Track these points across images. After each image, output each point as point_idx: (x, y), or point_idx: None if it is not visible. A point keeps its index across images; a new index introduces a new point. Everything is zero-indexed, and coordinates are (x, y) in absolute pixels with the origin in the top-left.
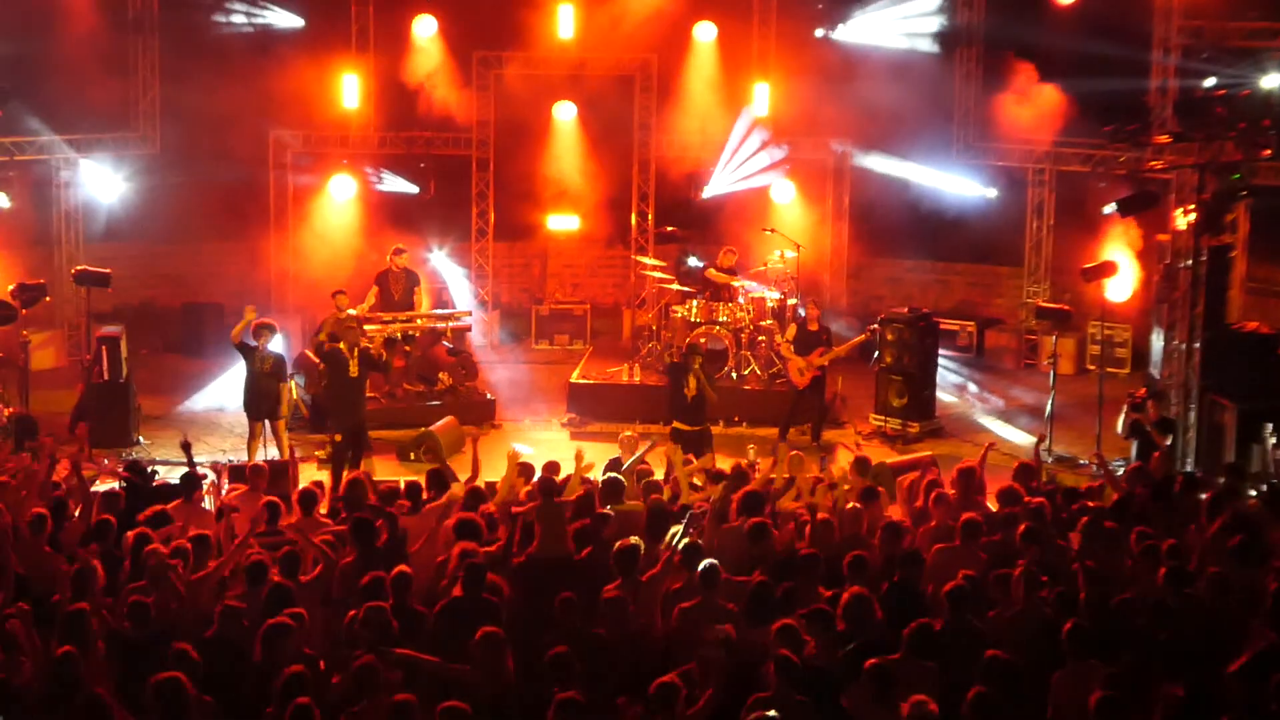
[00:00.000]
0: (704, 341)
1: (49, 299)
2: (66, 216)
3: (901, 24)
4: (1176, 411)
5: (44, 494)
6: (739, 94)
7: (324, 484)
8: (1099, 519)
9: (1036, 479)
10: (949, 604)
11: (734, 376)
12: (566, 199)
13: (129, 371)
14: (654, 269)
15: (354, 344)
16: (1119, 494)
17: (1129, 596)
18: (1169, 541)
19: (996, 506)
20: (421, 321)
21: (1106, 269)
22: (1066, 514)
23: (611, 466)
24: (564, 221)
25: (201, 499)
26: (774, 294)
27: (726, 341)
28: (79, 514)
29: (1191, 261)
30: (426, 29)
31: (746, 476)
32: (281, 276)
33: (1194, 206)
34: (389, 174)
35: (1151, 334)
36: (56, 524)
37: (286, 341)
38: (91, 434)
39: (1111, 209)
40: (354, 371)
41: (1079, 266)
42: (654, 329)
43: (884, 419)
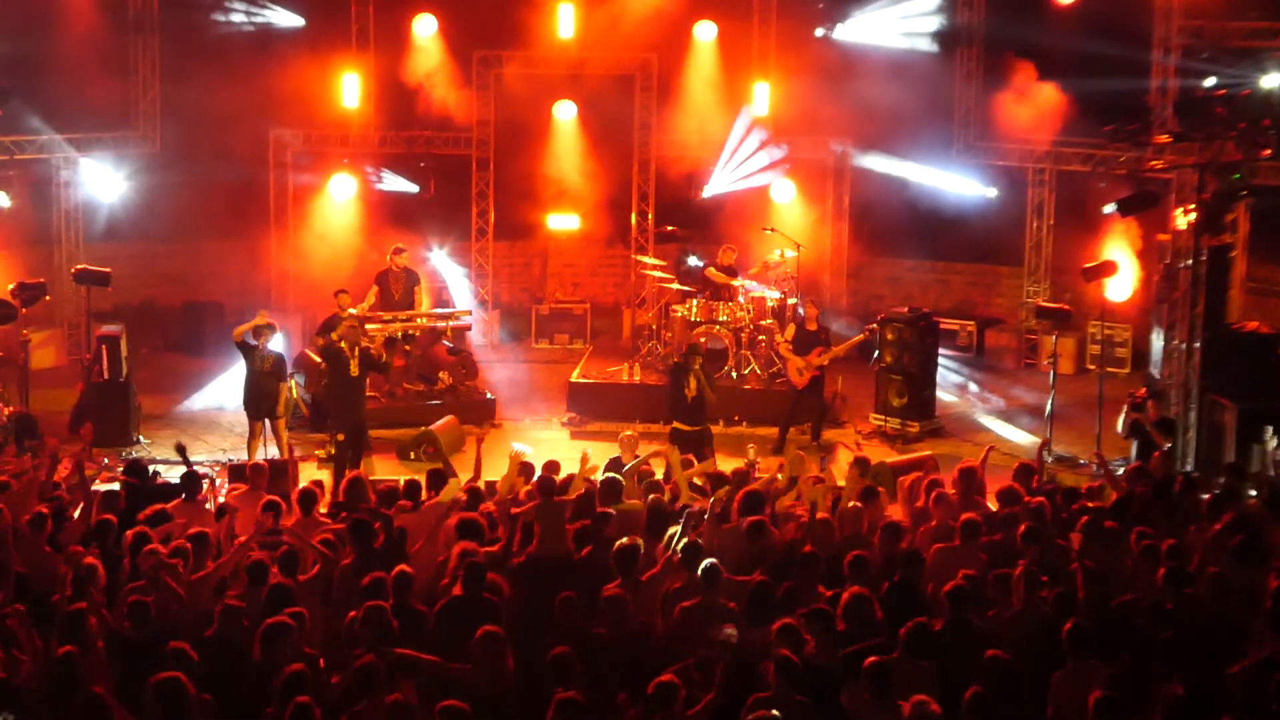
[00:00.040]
0: (704, 341)
1: (49, 298)
2: (66, 215)
3: (901, 23)
4: (1176, 411)
5: (44, 494)
6: (739, 93)
7: (324, 483)
8: (1099, 519)
9: (1037, 479)
10: (949, 604)
11: (734, 376)
12: (566, 198)
13: (129, 371)
14: (654, 268)
15: (355, 343)
16: (1119, 494)
17: (1129, 597)
18: (1169, 541)
19: (996, 506)
20: (422, 321)
21: (1107, 269)
22: (1066, 514)
23: (612, 466)
24: (564, 221)
25: (205, 499)
26: (774, 293)
27: (726, 341)
28: (79, 514)
29: (1191, 261)
30: (426, 28)
31: (749, 480)
32: (282, 276)
33: (1194, 206)
34: (389, 173)
35: (1151, 334)
36: (56, 524)
37: (286, 341)
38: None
39: (1112, 209)
40: (354, 371)
41: (1079, 266)
42: (654, 328)
43: (884, 418)
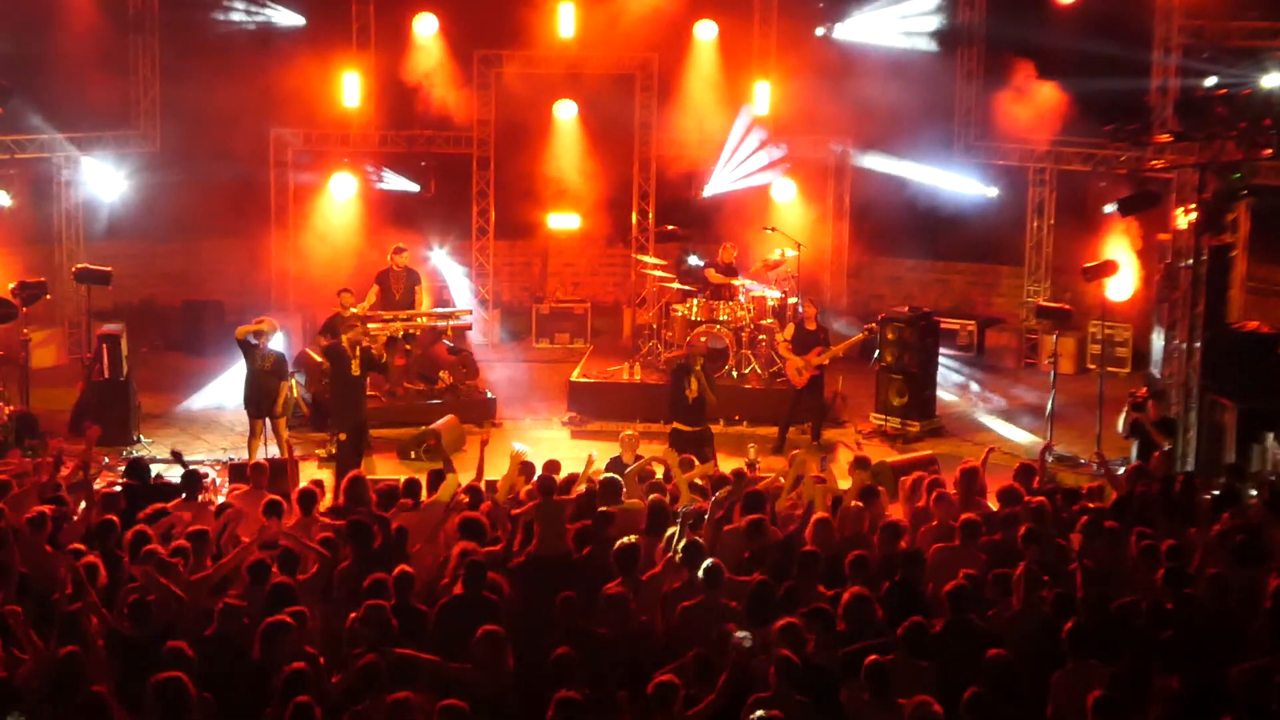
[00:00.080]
0: (704, 340)
1: (49, 297)
2: (67, 214)
3: (902, 23)
4: (1177, 411)
5: (45, 494)
6: (739, 93)
7: (324, 483)
8: (1099, 519)
9: (1038, 479)
10: (949, 604)
11: (734, 375)
12: (567, 198)
13: (129, 370)
14: (654, 268)
15: (356, 342)
16: (1119, 494)
17: (1129, 597)
18: (1169, 542)
19: (997, 506)
20: (422, 320)
21: (1107, 268)
22: (1066, 514)
23: (612, 466)
24: (564, 220)
25: (209, 500)
26: (774, 293)
27: (727, 340)
28: (80, 514)
29: (1192, 261)
30: (427, 27)
31: (750, 481)
32: (282, 275)
33: (1195, 206)
34: (389, 172)
35: (1152, 333)
36: (57, 524)
37: (287, 340)
38: None
39: (1112, 208)
40: (355, 370)
41: (1079, 266)
42: (655, 328)
43: (884, 418)
